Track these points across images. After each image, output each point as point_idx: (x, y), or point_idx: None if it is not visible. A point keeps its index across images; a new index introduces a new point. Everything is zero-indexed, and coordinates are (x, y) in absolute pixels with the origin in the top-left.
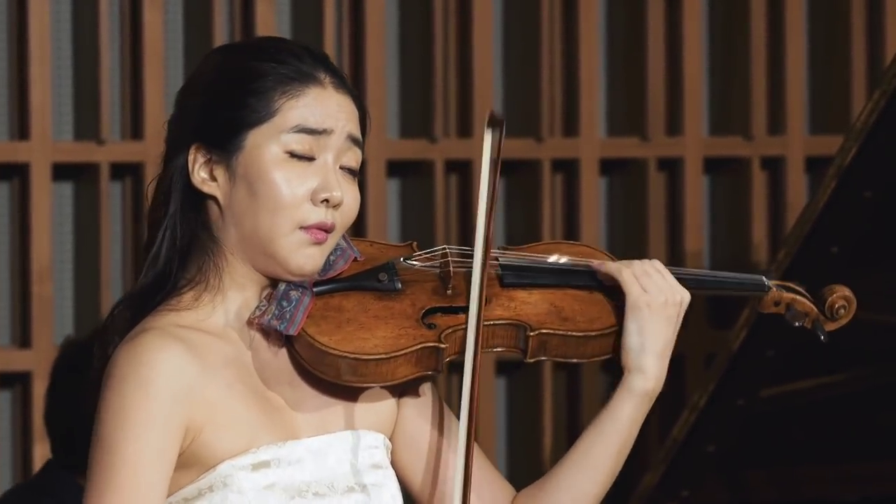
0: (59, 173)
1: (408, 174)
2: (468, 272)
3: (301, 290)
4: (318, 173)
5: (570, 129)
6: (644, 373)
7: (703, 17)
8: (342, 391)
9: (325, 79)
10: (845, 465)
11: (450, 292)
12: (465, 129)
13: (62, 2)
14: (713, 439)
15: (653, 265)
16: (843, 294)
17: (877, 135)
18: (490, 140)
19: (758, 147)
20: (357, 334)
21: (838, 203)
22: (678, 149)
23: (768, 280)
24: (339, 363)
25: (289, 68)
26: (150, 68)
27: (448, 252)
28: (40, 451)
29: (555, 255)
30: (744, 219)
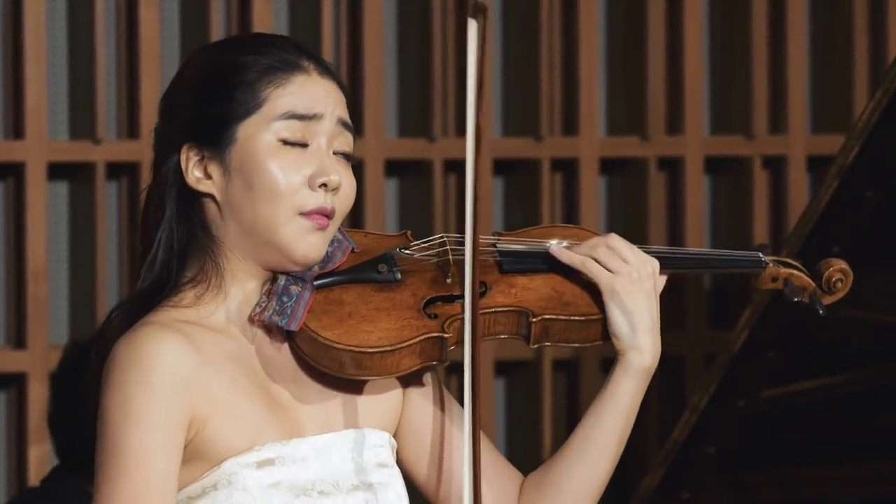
0: (55, 173)
1: (406, 173)
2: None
3: (301, 284)
4: (312, 159)
5: (570, 128)
6: (640, 349)
7: (703, 16)
8: (347, 388)
9: (310, 66)
10: (846, 466)
11: (449, 281)
12: (464, 128)
13: (58, 0)
14: (714, 440)
15: (613, 242)
16: (839, 267)
17: (879, 134)
18: (474, 30)
19: (759, 146)
20: (360, 327)
21: (840, 203)
22: (679, 148)
23: (765, 256)
24: (342, 357)
25: (272, 58)
26: (147, 67)
27: (446, 240)
28: (35, 453)
29: (556, 240)
30: (745, 218)
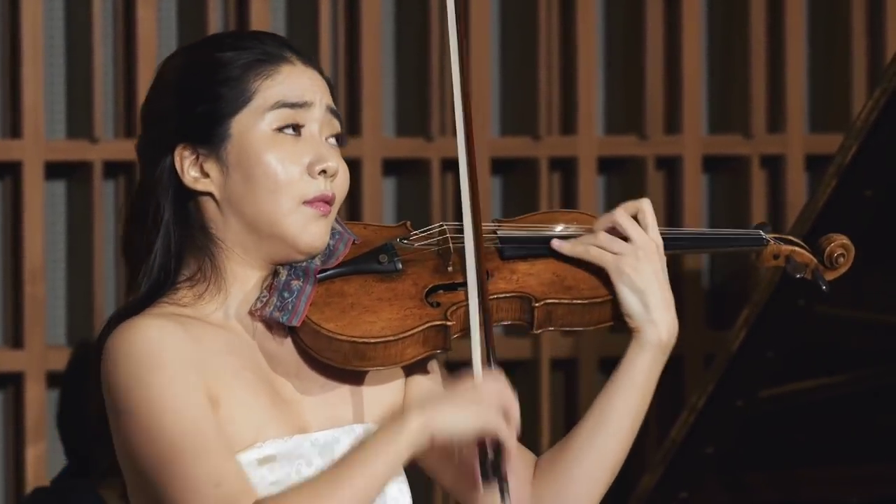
0: (52, 172)
1: (404, 172)
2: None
3: (303, 279)
4: (308, 147)
5: (568, 127)
6: (655, 325)
7: (702, 15)
8: (350, 381)
9: (292, 56)
10: (845, 466)
11: (450, 269)
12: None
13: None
14: (712, 440)
15: (614, 221)
16: (840, 242)
17: (877, 133)
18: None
19: (757, 145)
20: (363, 318)
21: (838, 202)
22: (677, 147)
23: (765, 233)
24: (346, 348)
25: (254, 52)
26: (144, 66)
27: (446, 229)
28: (32, 453)
29: (560, 226)
30: (743, 218)
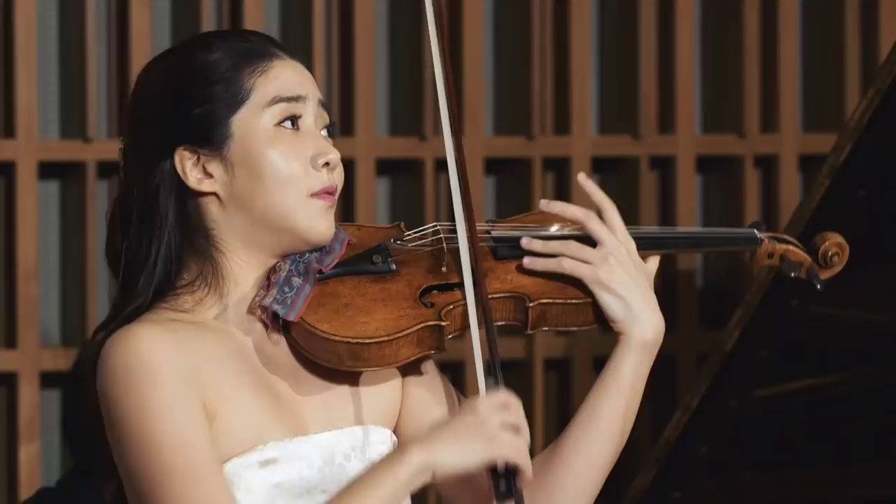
0: (46, 172)
1: (398, 172)
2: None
3: (303, 277)
4: (308, 140)
5: (562, 127)
6: (640, 324)
7: (695, 14)
8: (347, 382)
9: (278, 52)
10: (839, 466)
11: (444, 269)
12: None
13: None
14: (705, 440)
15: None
16: (835, 241)
17: (871, 133)
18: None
19: (751, 145)
20: (357, 319)
21: (832, 202)
22: (670, 147)
23: (760, 232)
24: (340, 349)
25: (241, 50)
26: (137, 66)
27: (439, 229)
28: (26, 453)
29: (555, 226)
30: (737, 217)
